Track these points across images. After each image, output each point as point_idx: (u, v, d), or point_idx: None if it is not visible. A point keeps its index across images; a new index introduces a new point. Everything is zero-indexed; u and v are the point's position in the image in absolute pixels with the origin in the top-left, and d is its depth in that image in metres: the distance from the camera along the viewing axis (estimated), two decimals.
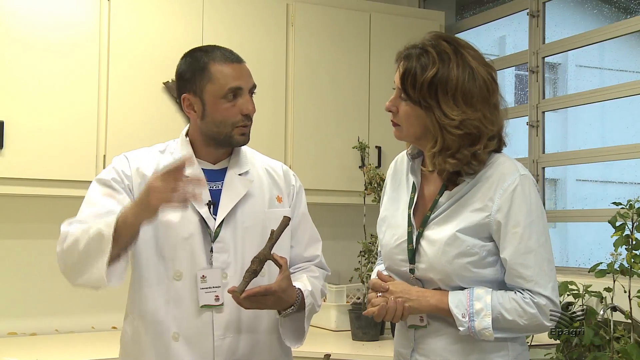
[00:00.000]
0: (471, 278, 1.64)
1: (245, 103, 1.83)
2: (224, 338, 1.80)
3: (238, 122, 1.83)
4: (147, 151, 1.93)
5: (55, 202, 3.15)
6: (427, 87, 1.62)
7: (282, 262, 1.74)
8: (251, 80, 1.87)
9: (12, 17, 2.88)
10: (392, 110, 1.71)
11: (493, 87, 1.67)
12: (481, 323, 1.61)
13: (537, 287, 1.61)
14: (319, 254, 2.04)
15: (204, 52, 1.86)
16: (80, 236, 1.69)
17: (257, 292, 1.70)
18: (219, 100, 1.81)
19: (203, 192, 1.83)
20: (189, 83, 1.83)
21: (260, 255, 1.72)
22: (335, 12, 3.53)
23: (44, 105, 2.92)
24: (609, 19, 3.98)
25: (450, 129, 1.62)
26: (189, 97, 1.84)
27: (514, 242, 1.61)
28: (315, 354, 2.74)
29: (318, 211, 3.79)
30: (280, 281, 1.73)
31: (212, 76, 1.81)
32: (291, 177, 2.02)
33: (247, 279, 1.69)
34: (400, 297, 1.67)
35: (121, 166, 1.86)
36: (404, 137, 1.74)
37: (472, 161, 1.64)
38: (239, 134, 1.85)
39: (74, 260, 1.71)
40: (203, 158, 1.89)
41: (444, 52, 1.64)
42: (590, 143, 4.17)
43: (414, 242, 1.70)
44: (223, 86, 1.80)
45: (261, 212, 1.90)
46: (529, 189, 1.64)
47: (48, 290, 3.17)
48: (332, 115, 3.50)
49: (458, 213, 1.66)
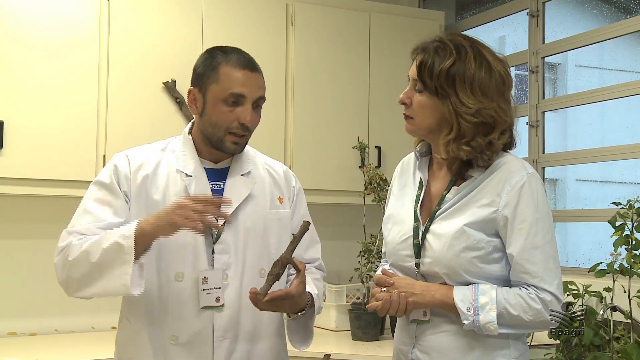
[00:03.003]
0: (477, 273, 1.65)
1: (244, 112, 1.79)
2: (223, 340, 1.80)
3: (232, 128, 1.80)
4: (148, 148, 1.91)
5: (55, 202, 3.16)
6: (445, 76, 1.65)
7: (302, 268, 1.74)
8: (259, 91, 1.82)
9: (12, 17, 2.88)
10: (405, 103, 1.72)
11: (508, 80, 1.70)
12: (486, 317, 1.61)
13: (543, 283, 1.62)
14: (318, 256, 2.03)
15: (222, 52, 1.84)
16: (91, 248, 1.69)
17: (278, 296, 1.69)
18: (218, 102, 1.79)
19: (205, 191, 1.83)
20: (199, 78, 1.83)
21: (282, 259, 1.71)
22: (335, 12, 3.53)
23: (44, 105, 2.92)
24: (609, 19, 3.98)
25: (467, 116, 1.64)
26: (195, 91, 1.84)
27: (521, 238, 1.62)
28: (315, 354, 2.74)
29: (318, 211, 3.79)
30: (298, 285, 1.73)
31: (219, 77, 1.79)
32: (291, 178, 2.02)
33: (271, 282, 1.69)
34: (405, 292, 1.67)
35: (121, 167, 1.84)
36: (416, 130, 1.74)
37: (486, 151, 1.66)
38: (231, 142, 1.82)
39: (84, 271, 1.70)
40: (205, 157, 1.88)
41: (460, 45, 1.67)
42: (590, 143, 4.17)
43: (420, 237, 1.71)
44: (226, 89, 1.78)
45: (263, 213, 1.89)
46: (536, 186, 1.66)
47: (48, 290, 3.16)
48: (332, 115, 3.50)
49: (465, 208, 1.67)
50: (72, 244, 1.72)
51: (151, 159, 1.87)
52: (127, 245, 1.65)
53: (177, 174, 1.84)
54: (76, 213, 1.82)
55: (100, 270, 1.68)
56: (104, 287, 1.69)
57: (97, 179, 1.85)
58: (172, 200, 1.78)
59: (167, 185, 1.83)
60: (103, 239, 1.69)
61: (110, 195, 1.80)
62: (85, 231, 1.75)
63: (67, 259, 1.71)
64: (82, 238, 1.73)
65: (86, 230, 1.75)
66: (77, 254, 1.70)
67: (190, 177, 1.83)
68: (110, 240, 1.67)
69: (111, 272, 1.66)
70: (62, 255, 1.74)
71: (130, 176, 1.83)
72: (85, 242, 1.71)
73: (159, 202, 1.80)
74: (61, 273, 1.75)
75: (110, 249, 1.66)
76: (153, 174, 1.84)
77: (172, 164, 1.86)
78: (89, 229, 1.75)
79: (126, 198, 1.81)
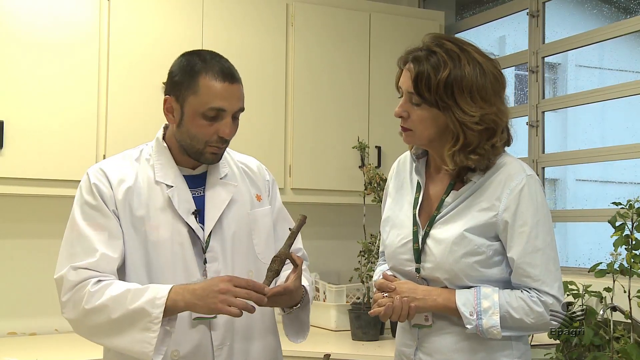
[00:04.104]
0: (477, 277, 1.65)
1: (223, 126, 1.72)
2: (222, 347, 1.78)
3: (212, 142, 1.74)
4: (121, 160, 1.82)
5: (55, 202, 3.15)
6: (443, 88, 1.62)
7: (299, 262, 1.74)
8: (239, 103, 1.75)
9: (12, 17, 2.88)
10: (402, 116, 1.69)
11: (502, 79, 1.69)
12: (489, 321, 1.61)
13: (544, 286, 1.62)
14: (300, 246, 1.99)
15: (201, 60, 1.74)
16: (112, 304, 1.62)
17: (277, 292, 1.68)
18: (197, 115, 1.71)
19: (188, 200, 1.78)
20: (176, 86, 1.74)
21: (281, 255, 1.72)
22: (335, 12, 3.53)
23: (44, 105, 2.92)
24: (609, 19, 3.98)
25: (471, 125, 1.62)
26: (171, 100, 1.75)
27: (521, 242, 1.62)
28: (315, 353, 2.75)
29: (318, 211, 3.82)
30: (295, 280, 1.72)
31: (198, 89, 1.71)
32: (265, 172, 1.99)
33: (270, 279, 1.69)
34: (407, 297, 1.67)
35: (101, 185, 1.75)
36: (416, 142, 1.73)
37: (490, 155, 1.66)
38: (211, 153, 1.76)
39: (100, 323, 1.65)
40: (181, 164, 1.82)
41: (451, 50, 1.65)
42: (590, 143, 4.17)
43: (420, 242, 1.71)
44: (205, 103, 1.70)
45: (245, 215, 1.87)
46: (536, 189, 1.66)
47: (48, 290, 3.14)
48: (332, 115, 3.50)
49: (465, 212, 1.67)
50: (89, 291, 1.65)
51: (128, 173, 1.78)
52: (154, 314, 1.60)
53: (157, 185, 1.78)
54: (70, 236, 1.74)
55: (119, 327, 1.63)
56: (121, 345, 1.64)
57: (83, 199, 1.75)
58: (156, 214, 1.74)
59: (149, 198, 1.77)
60: (128, 297, 1.62)
61: (102, 217, 1.73)
62: (95, 267, 1.67)
63: (83, 306, 1.65)
64: (98, 282, 1.66)
65: (95, 267, 1.67)
66: (95, 304, 1.64)
67: (172, 188, 1.78)
68: (136, 303, 1.61)
69: (131, 335, 1.62)
70: (73, 295, 1.67)
71: (112, 193, 1.75)
72: (104, 295, 1.64)
73: (143, 217, 1.74)
74: (71, 313, 1.69)
75: (135, 312, 1.61)
76: (133, 188, 1.76)
77: (150, 175, 1.79)
78: (98, 264, 1.68)
79: (116, 217, 1.74)
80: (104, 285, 1.66)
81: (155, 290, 1.64)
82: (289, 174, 3.38)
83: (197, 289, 1.62)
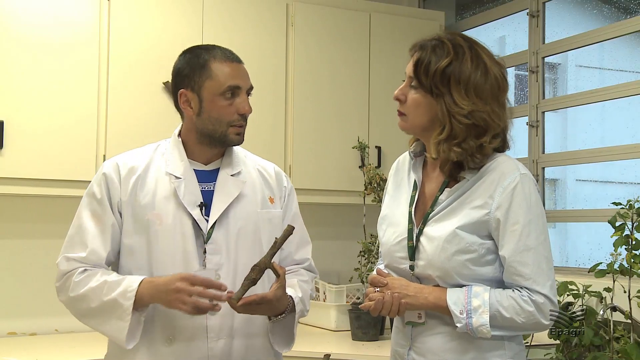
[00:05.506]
0: (469, 276, 1.65)
1: (242, 102, 1.83)
2: (218, 340, 1.80)
3: (234, 121, 1.83)
4: (139, 151, 1.92)
5: (55, 202, 3.16)
6: (440, 75, 1.65)
7: (281, 272, 1.75)
8: (249, 81, 1.87)
9: (12, 17, 2.88)
10: (400, 99, 1.72)
11: (504, 85, 1.70)
12: (478, 320, 1.61)
13: (535, 285, 1.61)
14: (309, 257, 2.03)
15: (204, 49, 1.86)
16: (91, 294, 1.76)
17: (252, 301, 1.71)
18: (217, 97, 1.81)
19: (195, 193, 1.84)
20: (187, 79, 1.83)
21: (260, 264, 1.71)
22: (335, 12, 3.53)
23: (44, 105, 2.92)
24: (609, 19, 3.98)
25: (459, 117, 1.63)
26: (187, 92, 1.84)
27: (513, 240, 1.62)
28: (315, 354, 2.75)
29: (318, 211, 3.82)
30: (276, 290, 1.73)
31: (212, 73, 1.81)
32: (283, 178, 2.02)
33: (246, 287, 1.70)
34: (398, 293, 1.67)
35: (110, 176, 1.84)
36: (409, 127, 1.74)
37: (477, 154, 1.65)
38: (234, 133, 1.85)
39: (83, 309, 1.80)
40: (195, 158, 1.89)
41: (459, 45, 1.67)
42: (590, 143, 4.16)
43: (414, 239, 1.71)
44: (222, 84, 1.80)
45: (253, 212, 1.89)
46: (529, 187, 1.65)
47: (48, 290, 3.14)
48: (332, 115, 3.50)
49: (458, 210, 1.67)
50: (73, 280, 1.78)
51: (142, 162, 1.87)
52: (126, 306, 1.72)
53: (166, 176, 1.85)
54: (75, 223, 1.85)
55: (99, 315, 1.77)
56: (101, 329, 1.79)
57: (90, 190, 1.86)
58: (161, 204, 1.81)
59: (156, 188, 1.84)
60: (104, 289, 1.75)
61: (102, 210, 1.83)
62: (83, 260, 1.80)
63: (69, 294, 1.79)
64: (83, 272, 1.79)
65: (83, 260, 1.80)
66: (77, 293, 1.78)
67: (179, 179, 1.84)
68: (109, 295, 1.74)
69: (109, 322, 1.75)
70: (63, 283, 1.81)
71: (121, 184, 1.84)
72: (86, 285, 1.77)
73: (147, 206, 1.82)
74: (62, 297, 1.83)
75: (109, 303, 1.74)
76: (142, 177, 1.85)
77: (162, 167, 1.87)
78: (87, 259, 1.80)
79: (119, 209, 1.83)
80: (87, 276, 1.78)
81: (128, 282, 1.75)
82: (289, 174, 3.37)
83: (160, 285, 1.72)
